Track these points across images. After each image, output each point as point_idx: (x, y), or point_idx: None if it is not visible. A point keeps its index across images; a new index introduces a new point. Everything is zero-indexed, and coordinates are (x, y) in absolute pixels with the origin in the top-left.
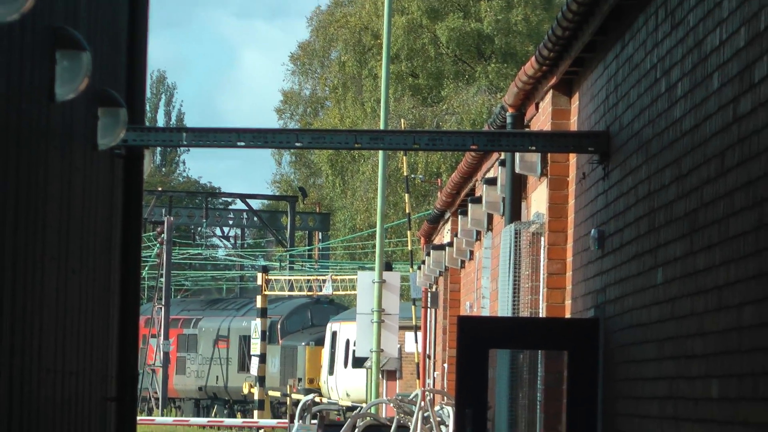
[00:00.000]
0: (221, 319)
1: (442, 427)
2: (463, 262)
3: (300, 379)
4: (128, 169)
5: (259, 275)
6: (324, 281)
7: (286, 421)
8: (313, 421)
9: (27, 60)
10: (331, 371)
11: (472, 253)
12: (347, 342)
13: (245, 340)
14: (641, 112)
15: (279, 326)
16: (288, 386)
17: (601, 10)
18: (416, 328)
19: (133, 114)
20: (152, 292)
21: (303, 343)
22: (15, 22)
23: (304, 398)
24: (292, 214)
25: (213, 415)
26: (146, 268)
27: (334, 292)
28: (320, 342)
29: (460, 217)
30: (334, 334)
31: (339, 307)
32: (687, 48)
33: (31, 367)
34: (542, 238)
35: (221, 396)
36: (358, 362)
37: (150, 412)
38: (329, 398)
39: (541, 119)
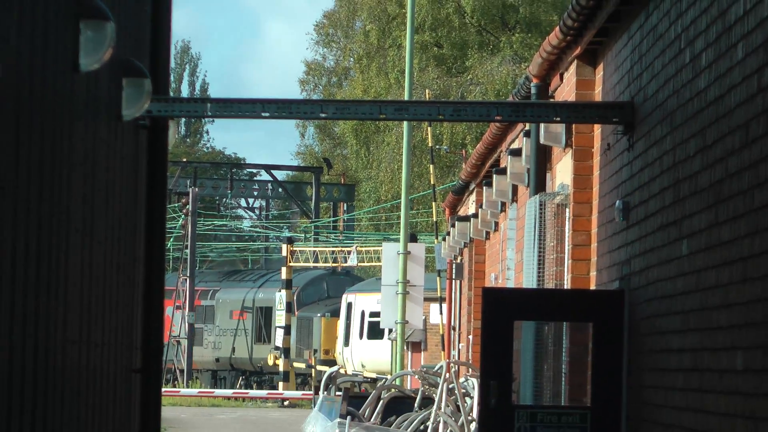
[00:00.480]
0: (239, 290)
1: (467, 399)
2: (488, 233)
3: (316, 351)
4: (152, 140)
5: (284, 246)
6: (349, 252)
7: (311, 392)
8: (338, 393)
9: (51, 30)
10: (346, 342)
11: (497, 224)
12: (363, 313)
13: (263, 312)
14: (666, 82)
15: (295, 297)
16: (305, 357)
17: None
18: (441, 300)
19: (158, 85)
20: (177, 264)
21: (319, 315)
22: None
23: (328, 370)
24: (317, 186)
25: (239, 386)
26: (171, 240)
27: (359, 264)
28: (336, 313)
29: (484, 188)
30: (349, 305)
31: (355, 278)
32: (711, 18)
33: (56, 338)
34: (567, 210)
35: (238, 367)
36: (374, 333)
37: (174, 384)
38: (349, 369)
39: (566, 90)
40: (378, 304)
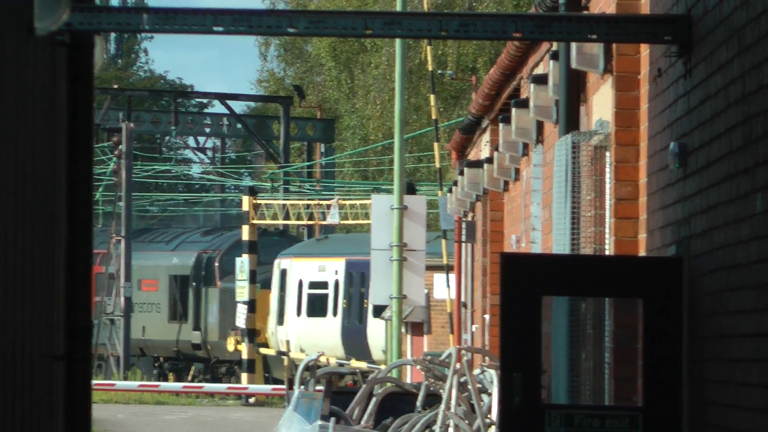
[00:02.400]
0: (148, 255)
1: (484, 396)
2: (506, 183)
3: (243, 331)
4: (74, 61)
5: (245, 199)
6: (328, 207)
7: (284, 387)
8: (318, 388)
9: None
10: (280, 320)
11: (517, 171)
12: (300, 283)
13: (177, 281)
14: None
15: (217, 264)
16: (227, 339)
17: None
18: (448, 269)
19: None
20: (108, 221)
21: None
22: None
23: (305, 358)
24: (286, 121)
25: (189, 377)
26: (100, 190)
27: (342, 221)
28: (267, 284)
29: (501, 125)
30: (283, 273)
31: (292, 238)
32: None
33: None
34: (607, 154)
35: (150, 353)
36: (315, 308)
37: (108, 374)
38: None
39: (603, 0)
40: (320, 272)
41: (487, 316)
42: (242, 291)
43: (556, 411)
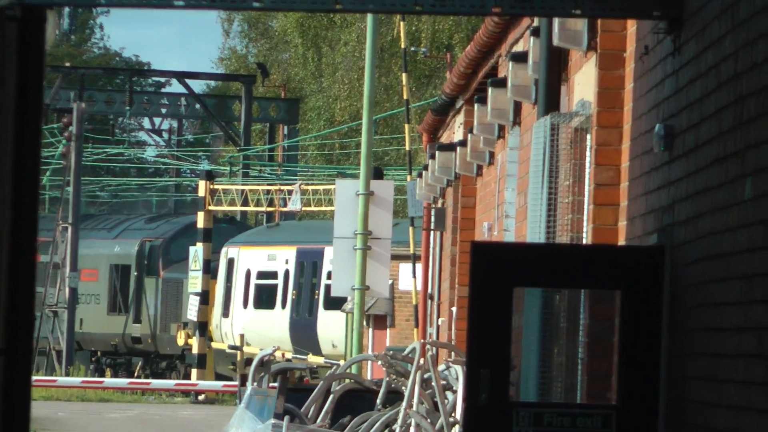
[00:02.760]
0: (89, 243)
1: (448, 394)
2: (479, 167)
3: (185, 324)
4: (24, 37)
5: (202, 183)
6: (290, 193)
7: (235, 383)
8: (273, 385)
9: None
10: (225, 312)
11: (492, 155)
12: (248, 273)
13: (118, 271)
14: None
15: (160, 252)
16: (171, 333)
17: None
18: (415, 259)
19: None
20: (55, 206)
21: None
22: None
23: (260, 353)
24: (248, 101)
25: (135, 373)
26: (48, 173)
27: (303, 208)
28: (214, 274)
29: (476, 106)
30: (230, 263)
31: (242, 226)
32: None
33: None
34: (588, 136)
35: (87, 346)
36: (263, 300)
37: (49, 370)
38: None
39: None
40: (270, 261)
41: (454, 309)
42: (195, 281)
43: (525, 409)
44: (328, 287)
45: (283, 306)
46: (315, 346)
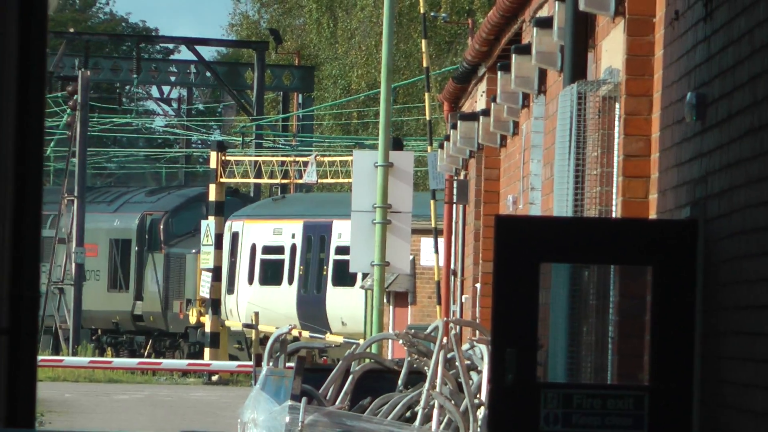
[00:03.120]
0: (86, 216)
1: (473, 374)
2: (503, 138)
3: (189, 301)
4: (26, 1)
5: (213, 155)
6: (305, 164)
7: (250, 363)
8: (289, 365)
9: None
10: (230, 289)
11: (516, 125)
12: (253, 248)
13: (118, 246)
14: None
15: (162, 227)
16: (174, 310)
17: None
18: (436, 233)
19: None
20: (60, 178)
21: (194, 251)
22: None
23: (276, 331)
24: (260, 69)
25: (145, 352)
26: (52, 144)
27: (320, 180)
28: (217, 248)
29: (500, 73)
30: (234, 237)
31: (247, 198)
32: None
33: None
34: (617, 105)
35: (87, 325)
36: (269, 276)
37: (56, 350)
38: (234, 326)
39: None
40: (276, 235)
41: (478, 285)
42: (207, 257)
43: (553, 390)
44: (336, 262)
45: (290, 282)
46: (324, 323)
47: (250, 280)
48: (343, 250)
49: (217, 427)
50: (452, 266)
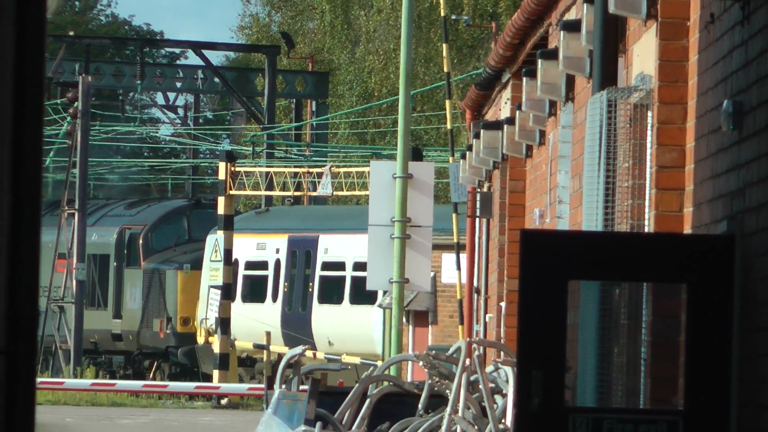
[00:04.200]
0: (63, 230)
1: (497, 398)
2: (529, 148)
3: (170, 319)
4: (24, 3)
5: (222, 165)
6: (319, 176)
7: (261, 386)
8: (303, 387)
9: None
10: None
11: (543, 134)
12: (236, 263)
13: (96, 261)
14: None
15: (141, 241)
16: (154, 329)
17: None
18: (458, 249)
19: None
20: (59, 191)
21: (174, 267)
22: None
23: (289, 352)
24: (272, 75)
25: (150, 375)
26: (51, 154)
27: (335, 193)
28: (199, 264)
29: (525, 80)
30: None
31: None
32: None
33: None
34: (649, 113)
35: (64, 345)
36: (253, 293)
37: (55, 371)
38: (214, 345)
39: None
40: (259, 250)
41: (503, 304)
42: (215, 274)
43: (582, 415)
44: (322, 279)
45: (274, 299)
46: (309, 343)
47: (233, 298)
48: (329, 265)
49: None
50: (475, 284)
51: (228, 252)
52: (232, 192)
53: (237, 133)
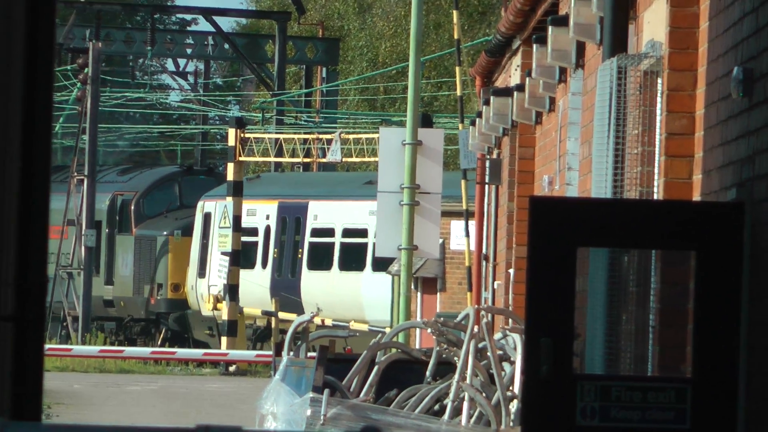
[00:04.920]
0: (55, 196)
1: (505, 365)
2: (539, 115)
3: (160, 285)
4: None
5: (232, 132)
6: (329, 142)
7: (270, 353)
8: (311, 354)
9: None
10: (201, 272)
11: (552, 101)
12: None
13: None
14: None
15: (133, 207)
16: (145, 295)
17: None
18: (467, 215)
19: None
20: (68, 156)
21: (165, 233)
22: None
23: (297, 319)
24: (282, 40)
25: (159, 341)
26: (61, 120)
27: (344, 159)
28: (190, 231)
29: (535, 46)
30: (207, 218)
31: (221, 178)
32: None
33: None
34: (659, 80)
35: (56, 311)
36: (242, 259)
37: (64, 338)
38: (204, 311)
39: None
40: (249, 216)
41: (511, 271)
42: (224, 240)
43: (590, 382)
44: (312, 245)
45: (264, 265)
46: (298, 309)
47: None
48: (319, 232)
49: (234, 420)
50: (484, 251)
51: (237, 218)
52: (242, 158)
53: (247, 100)
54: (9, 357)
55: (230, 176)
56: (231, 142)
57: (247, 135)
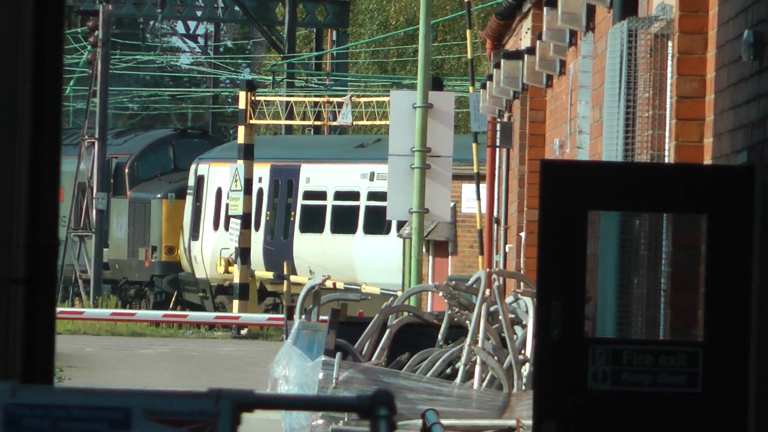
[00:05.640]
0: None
1: (517, 328)
2: (549, 78)
3: (155, 248)
4: None
5: (242, 95)
6: (340, 105)
7: (281, 316)
8: (323, 318)
9: None
10: (194, 235)
11: (563, 64)
12: (219, 192)
13: (83, 190)
14: None
15: (127, 170)
16: (139, 258)
17: None
18: (478, 179)
19: None
20: (79, 119)
21: (159, 195)
22: None
23: (308, 282)
24: (293, 3)
25: (172, 305)
26: (72, 83)
27: (355, 122)
28: (184, 194)
29: (546, 9)
30: (200, 180)
31: (215, 140)
32: None
33: None
34: (670, 43)
35: None
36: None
37: (75, 301)
38: (198, 273)
39: None
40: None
41: (523, 235)
42: (236, 203)
43: (602, 346)
44: (304, 208)
45: (257, 228)
46: (290, 271)
47: (216, 226)
48: (311, 195)
49: (246, 383)
50: (495, 214)
51: (248, 181)
52: (252, 121)
53: (257, 63)
54: (20, 320)
55: (241, 139)
56: (242, 105)
57: (257, 98)
